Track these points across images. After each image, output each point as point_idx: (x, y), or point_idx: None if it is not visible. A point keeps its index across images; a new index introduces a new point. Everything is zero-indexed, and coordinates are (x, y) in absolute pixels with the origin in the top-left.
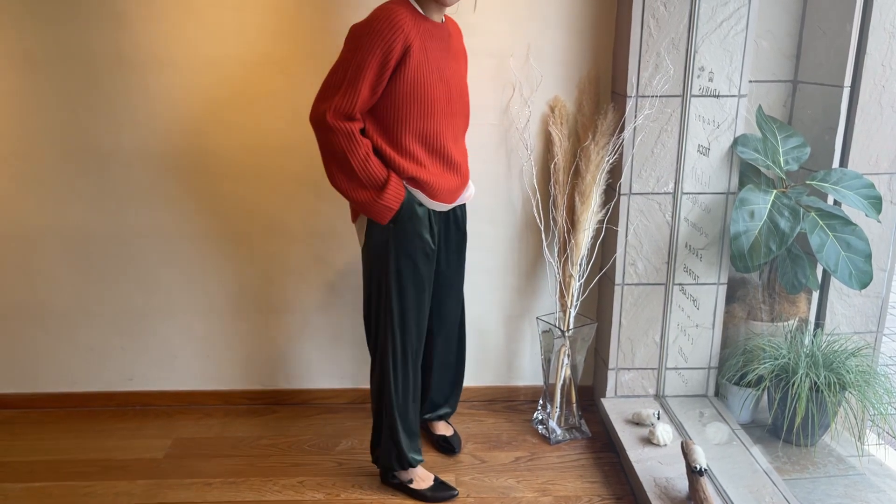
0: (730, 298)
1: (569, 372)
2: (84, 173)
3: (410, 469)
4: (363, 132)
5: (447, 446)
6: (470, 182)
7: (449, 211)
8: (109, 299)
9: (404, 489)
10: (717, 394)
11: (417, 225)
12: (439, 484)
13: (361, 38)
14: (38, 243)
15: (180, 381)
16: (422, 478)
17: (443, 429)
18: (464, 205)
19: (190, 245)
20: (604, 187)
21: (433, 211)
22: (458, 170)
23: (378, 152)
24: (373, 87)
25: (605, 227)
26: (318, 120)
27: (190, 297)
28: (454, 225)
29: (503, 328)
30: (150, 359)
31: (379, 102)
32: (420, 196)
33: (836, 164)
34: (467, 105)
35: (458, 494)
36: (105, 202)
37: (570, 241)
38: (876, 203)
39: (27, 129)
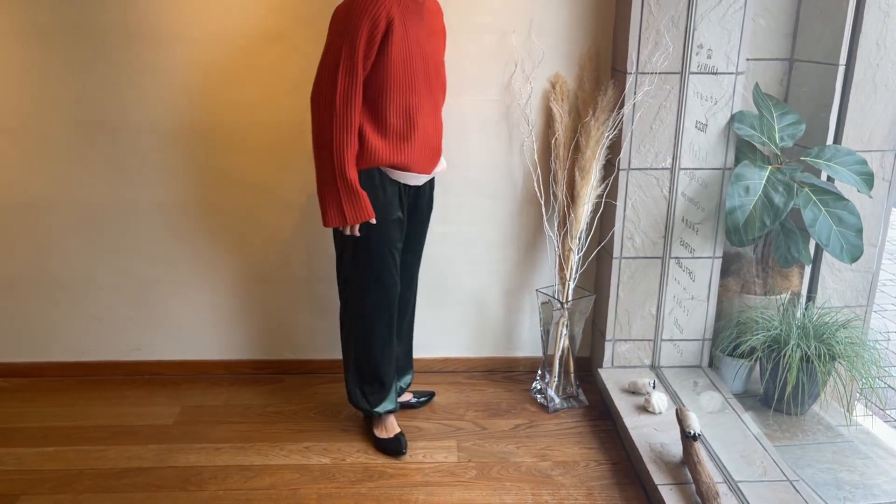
0: (724, 272)
1: (567, 343)
2: (92, 146)
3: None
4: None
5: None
6: (442, 157)
7: (422, 185)
8: (117, 270)
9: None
10: (710, 364)
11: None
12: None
13: (347, 18)
14: (47, 215)
15: (187, 350)
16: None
17: (405, 396)
18: (433, 179)
19: (196, 217)
20: (603, 162)
21: (404, 186)
22: (432, 144)
23: (362, 135)
24: (363, 65)
25: (604, 202)
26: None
27: (196, 269)
28: (426, 198)
29: (503, 300)
30: (157, 329)
31: (366, 80)
32: (394, 173)
33: (830, 140)
34: (444, 81)
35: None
36: (112, 174)
37: (569, 215)
38: (868, 179)
39: (36, 102)
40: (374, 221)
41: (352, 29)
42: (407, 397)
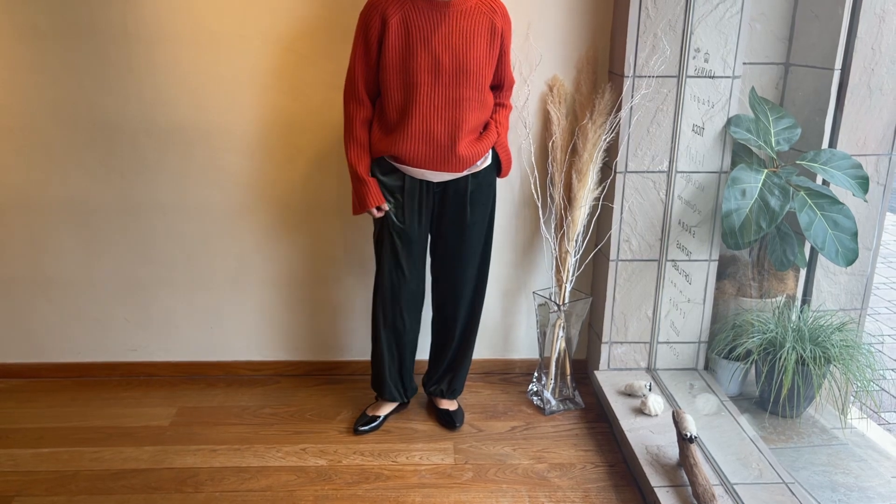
0: (720, 275)
1: (563, 345)
2: (90, 146)
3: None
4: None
5: (448, 420)
6: (484, 156)
7: (448, 182)
8: (113, 271)
9: None
10: (706, 367)
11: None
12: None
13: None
14: (43, 215)
15: (183, 352)
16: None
17: (446, 403)
18: (467, 178)
19: (193, 218)
20: (600, 165)
21: (415, 179)
22: (439, 143)
23: (371, 126)
24: (364, 62)
25: (601, 205)
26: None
27: (192, 270)
28: (458, 198)
29: (500, 302)
30: (153, 330)
31: (379, 75)
32: (399, 165)
33: (825, 144)
34: (474, 80)
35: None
36: (110, 175)
37: (566, 217)
38: (863, 183)
39: (34, 102)
40: (386, 208)
41: (355, 30)
42: (445, 405)
